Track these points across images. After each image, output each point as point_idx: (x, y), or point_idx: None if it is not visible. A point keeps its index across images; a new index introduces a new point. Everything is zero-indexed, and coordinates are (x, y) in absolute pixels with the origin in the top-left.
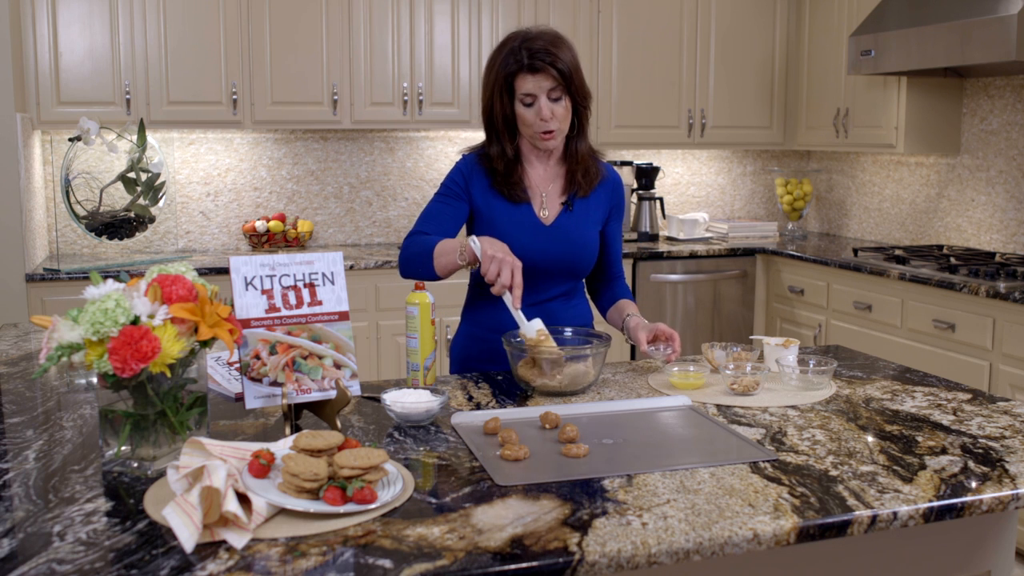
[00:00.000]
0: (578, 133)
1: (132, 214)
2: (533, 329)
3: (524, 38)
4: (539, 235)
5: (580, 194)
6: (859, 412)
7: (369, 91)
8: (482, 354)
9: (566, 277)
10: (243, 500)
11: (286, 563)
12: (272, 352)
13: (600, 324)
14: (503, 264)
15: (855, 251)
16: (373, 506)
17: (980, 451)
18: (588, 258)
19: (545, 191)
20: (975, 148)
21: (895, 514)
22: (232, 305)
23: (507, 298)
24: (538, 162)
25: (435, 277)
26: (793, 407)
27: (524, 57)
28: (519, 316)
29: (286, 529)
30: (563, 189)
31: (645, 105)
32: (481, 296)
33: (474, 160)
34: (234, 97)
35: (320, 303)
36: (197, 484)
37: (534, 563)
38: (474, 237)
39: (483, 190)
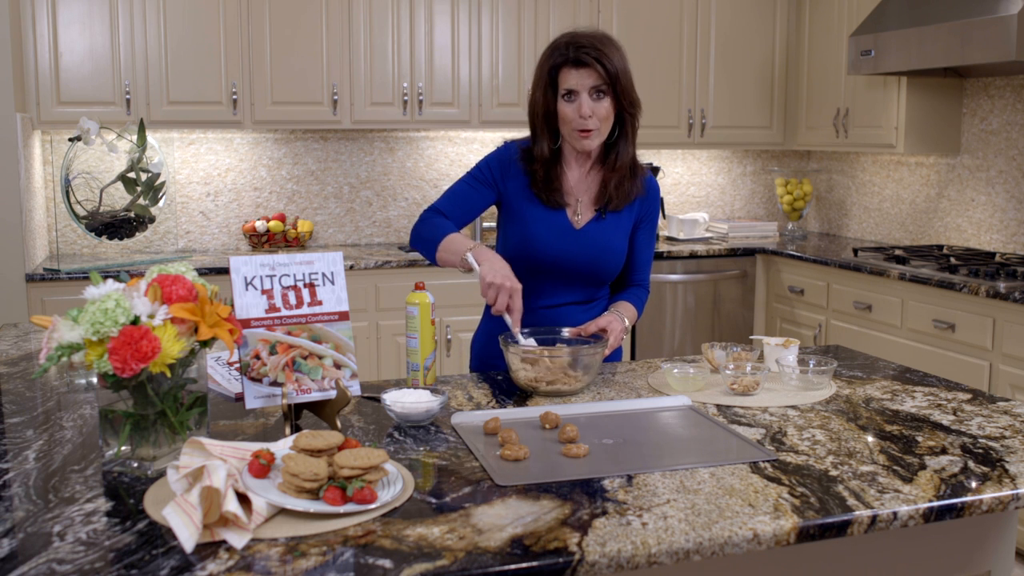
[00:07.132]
0: (618, 138)
1: (132, 214)
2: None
3: (573, 35)
4: (568, 238)
5: (611, 207)
6: (859, 412)
7: (369, 91)
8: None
9: (590, 282)
10: (243, 500)
11: (286, 563)
12: (272, 352)
13: None
14: (501, 291)
15: (855, 251)
16: (373, 506)
17: (980, 451)
18: (614, 265)
19: (581, 196)
20: (975, 148)
21: (895, 514)
22: (232, 305)
23: (507, 318)
24: (577, 165)
25: (436, 263)
26: (793, 407)
27: (570, 52)
28: (519, 337)
29: (286, 529)
30: (598, 196)
31: (645, 105)
32: None
33: (516, 153)
34: (234, 97)
35: (320, 303)
36: (197, 484)
37: (534, 563)
38: (471, 254)
39: (519, 188)
